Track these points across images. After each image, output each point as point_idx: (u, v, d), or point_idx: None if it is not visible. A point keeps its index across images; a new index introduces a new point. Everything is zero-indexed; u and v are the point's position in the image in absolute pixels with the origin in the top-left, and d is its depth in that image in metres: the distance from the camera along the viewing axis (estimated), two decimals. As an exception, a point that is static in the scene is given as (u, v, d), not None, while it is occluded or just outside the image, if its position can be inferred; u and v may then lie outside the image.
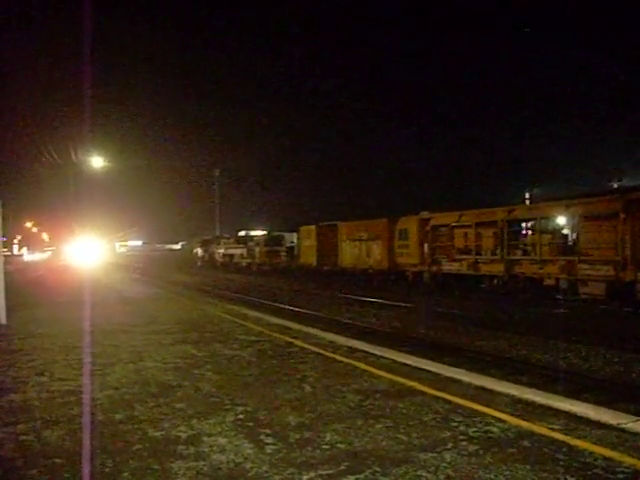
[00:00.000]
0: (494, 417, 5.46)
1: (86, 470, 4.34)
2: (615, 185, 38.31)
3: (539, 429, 5.09)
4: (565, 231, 20.91)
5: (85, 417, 5.70)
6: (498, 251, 20.96)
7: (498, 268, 20.98)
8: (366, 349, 9.32)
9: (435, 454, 4.53)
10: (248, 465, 4.39)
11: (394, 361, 8.30)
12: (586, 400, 6.93)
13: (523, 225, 22.03)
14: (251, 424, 5.39)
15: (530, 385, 7.87)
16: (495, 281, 21.60)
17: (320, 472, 4.21)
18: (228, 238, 53.61)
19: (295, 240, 39.42)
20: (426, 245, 24.64)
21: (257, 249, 44.89)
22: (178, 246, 75.77)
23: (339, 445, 4.77)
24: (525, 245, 21.03)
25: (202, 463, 4.44)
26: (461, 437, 4.91)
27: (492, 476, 4.09)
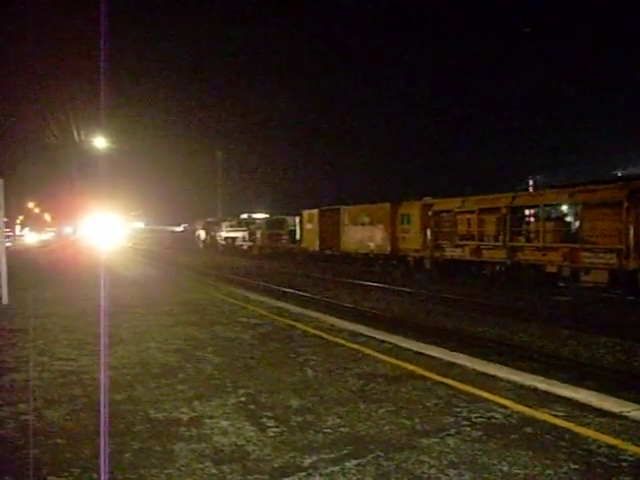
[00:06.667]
0: (497, 403, 5.45)
1: (87, 451, 4.34)
2: (619, 173, 38.05)
3: (542, 416, 5.07)
4: (568, 219, 20.82)
5: (86, 397, 5.70)
6: (501, 237, 20.88)
7: (500, 255, 20.92)
8: (368, 333, 9.31)
9: (438, 439, 4.51)
10: (250, 448, 4.38)
11: (396, 345, 8.28)
12: (589, 387, 6.89)
13: (526, 212, 21.94)
14: (253, 407, 5.38)
15: (532, 372, 7.84)
16: (497, 268, 21.55)
17: (322, 456, 4.20)
18: (230, 221, 53.52)
19: (297, 224, 39.30)
20: (428, 230, 24.56)
21: (259, 232, 44.83)
22: (180, 228, 75.64)
23: (341, 429, 4.75)
24: (528, 232, 20.93)
25: (204, 445, 4.43)
26: (464, 422, 4.89)
27: (495, 462, 4.08)
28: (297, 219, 39.47)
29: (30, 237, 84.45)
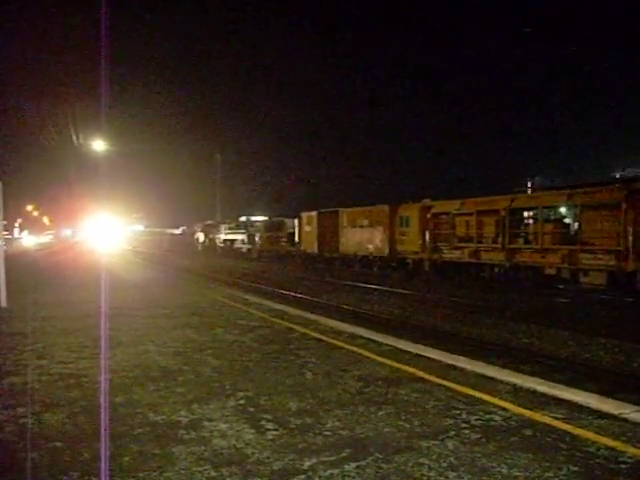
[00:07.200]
0: (496, 405, 5.44)
1: (86, 454, 4.33)
2: (618, 175, 38.11)
3: (541, 418, 5.07)
4: (567, 220, 20.84)
5: (85, 401, 5.69)
6: (499, 239, 20.89)
7: (499, 257, 20.94)
8: (367, 335, 9.30)
9: (437, 442, 4.51)
10: (249, 450, 4.38)
11: (395, 348, 8.28)
12: (588, 389, 6.90)
13: (525, 214, 21.96)
14: (252, 409, 5.37)
15: (531, 374, 7.86)
16: (496, 270, 21.57)
17: (322, 458, 4.19)
18: (229, 223, 53.53)
19: (296, 226, 39.30)
20: (427, 233, 24.57)
21: (258, 235, 44.84)
22: (179, 231, 75.60)
23: (340, 432, 4.75)
24: (527, 234, 20.95)
25: (203, 448, 4.42)
26: (463, 425, 4.89)
27: (494, 464, 4.07)
28: (296, 221, 39.46)
29: (28, 240, 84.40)
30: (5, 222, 19.71)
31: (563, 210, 21.34)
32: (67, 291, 16.03)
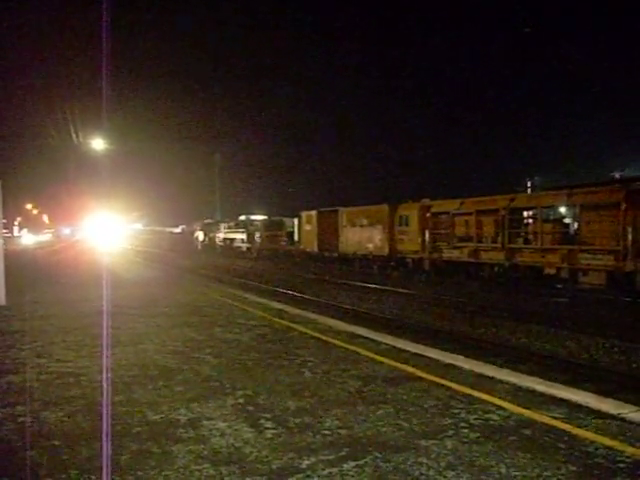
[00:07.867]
0: (495, 405, 5.44)
1: (85, 452, 4.33)
2: (617, 175, 38.09)
3: (540, 417, 5.07)
4: (566, 220, 20.84)
5: (84, 399, 5.69)
6: (499, 239, 20.90)
7: (499, 256, 20.93)
8: (366, 335, 9.30)
9: (436, 441, 4.51)
10: (248, 449, 4.38)
11: (394, 347, 8.28)
12: (587, 389, 6.91)
13: (524, 214, 21.95)
14: (251, 408, 5.37)
15: (530, 373, 7.84)
16: (495, 269, 21.57)
17: (320, 457, 4.19)
18: (228, 222, 53.53)
19: (295, 225, 39.31)
20: (427, 232, 24.57)
21: (257, 234, 44.84)
22: (179, 230, 75.54)
23: (339, 431, 4.75)
24: (526, 234, 20.95)
25: (202, 447, 4.42)
26: (462, 424, 4.89)
27: (493, 464, 4.08)
28: (295, 220, 39.45)
29: (28, 238, 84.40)
30: (4, 220, 19.72)
31: (562, 210, 21.35)
32: (66, 290, 16.02)
